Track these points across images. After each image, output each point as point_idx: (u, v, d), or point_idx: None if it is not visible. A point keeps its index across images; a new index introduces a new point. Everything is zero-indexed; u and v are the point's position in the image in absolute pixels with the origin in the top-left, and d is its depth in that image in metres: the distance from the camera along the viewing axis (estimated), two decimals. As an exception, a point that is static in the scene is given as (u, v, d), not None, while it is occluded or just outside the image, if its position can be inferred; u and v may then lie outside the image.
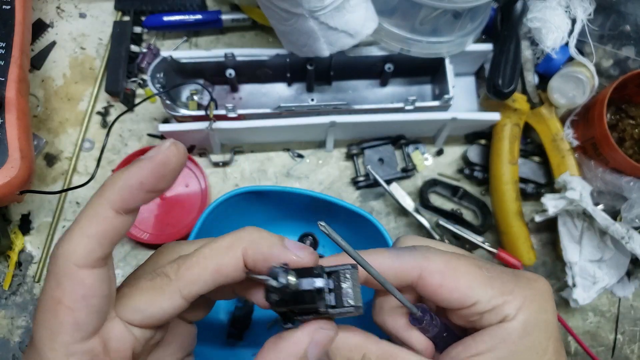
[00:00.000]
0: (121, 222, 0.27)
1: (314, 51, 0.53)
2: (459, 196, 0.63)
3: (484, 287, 0.30)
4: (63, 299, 0.26)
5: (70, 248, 0.26)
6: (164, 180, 0.27)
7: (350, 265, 0.29)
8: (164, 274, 0.29)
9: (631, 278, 0.63)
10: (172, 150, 0.27)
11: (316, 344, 0.29)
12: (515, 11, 0.59)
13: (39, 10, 0.67)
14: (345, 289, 0.29)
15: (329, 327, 0.30)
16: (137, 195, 0.27)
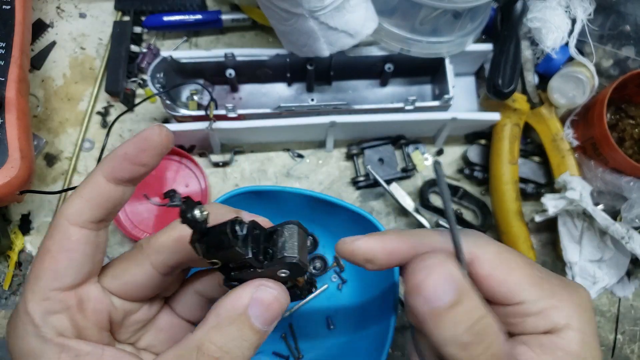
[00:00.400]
0: (110, 189, 0.30)
1: (314, 51, 0.53)
2: (459, 196, 0.63)
3: (534, 287, 0.29)
4: (51, 248, 0.29)
5: (65, 206, 0.30)
6: (144, 153, 0.29)
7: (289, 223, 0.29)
8: (139, 245, 0.32)
9: (631, 278, 0.63)
10: (155, 129, 0.30)
11: (258, 302, 0.27)
12: (515, 11, 0.59)
13: (39, 10, 0.67)
14: (281, 242, 0.29)
15: (273, 286, 0.28)
16: (122, 164, 0.29)
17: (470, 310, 0.26)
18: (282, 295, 0.28)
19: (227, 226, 0.27)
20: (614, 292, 0.63)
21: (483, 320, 0.26)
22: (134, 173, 0.30)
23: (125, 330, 0.33)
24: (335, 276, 0.59)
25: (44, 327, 0.28)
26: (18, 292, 0.60)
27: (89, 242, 0.30)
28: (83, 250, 0.30)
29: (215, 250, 0.27)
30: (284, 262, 0.28)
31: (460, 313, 0.26)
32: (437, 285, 0.26)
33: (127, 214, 0.60)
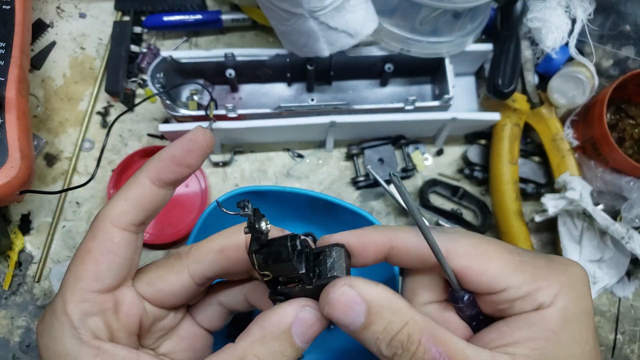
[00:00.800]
0: (155, 192, 0.31)
1: (314, 51, 0.53)
2: (459, 196, 0.63)
3: (515, 272, 0.29)
4: (93, 249, 0.30)
5: (109, 207, 0.30)
6: (191, 154, 0.31)
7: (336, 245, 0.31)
8: (177, 253, 0.33)
9: (631, 278, 0.63)
10: (200, 131, 0.31)
11: (302, 321, 0.29)
12: (515, 11, 0.59)
13: (39, 10, 0.67)
14: (330, 262, 0.30)
15: (316, 308, 0.29)
16: (169, 167, 0.31)
17: (385, 326, 0.27)
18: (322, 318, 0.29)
19: (287, 240, 0.28)
20: (614, 292, 0.63)
21: (404, 330, 0.27)
22: (179, 175, 0.31)
23: (151, 335, 0.34)
24: (335, 276, 0.59)
25: (81, 329, 0.29)
26: (18, 292, 0.60)
27: (130, 245, 0.30)
28: (124, 253, 0.30)
29: (272, 263, 0.29)
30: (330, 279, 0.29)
31: (375, 331, 0.27)
32: (345, 312, 0.27)
33: (127, 214, 0.60)
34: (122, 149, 0.64)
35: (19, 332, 0.59)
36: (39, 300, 0.60)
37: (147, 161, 0.31)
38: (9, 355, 0.58)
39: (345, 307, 0.27)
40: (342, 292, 0.28)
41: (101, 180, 0.62)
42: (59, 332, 0.29)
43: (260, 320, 0.29)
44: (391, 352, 0.27)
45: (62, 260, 0.61)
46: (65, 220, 0.62)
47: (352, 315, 0.27)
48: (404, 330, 0.27)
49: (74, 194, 0.62)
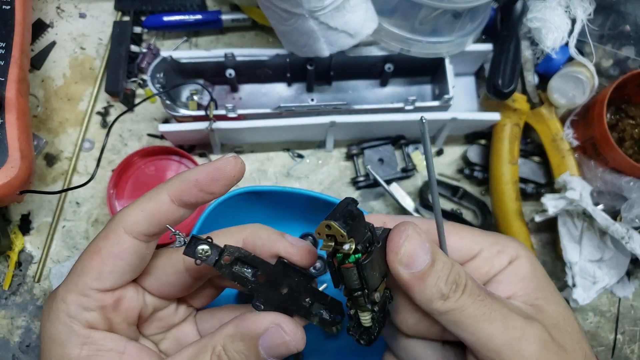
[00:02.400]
0: (172, 209, 0.31)
1: (314, 51, 0.53)
2: (459, 196, 0.63)
3: (482, 237, 0.34)
4: (102, 249, 0.31)
5: (125, 213, 0.31)
6: (215, 183, 0.31)
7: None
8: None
9: (631, 278, 0.63)
10: (230, 160, 0.31)
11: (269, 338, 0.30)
12: (515, 11, 0.59)
13: (38, 10, 0.67)
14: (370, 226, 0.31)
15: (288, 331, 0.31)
16: (191, 190, 0.31)
17: (443, 265, 0.30)
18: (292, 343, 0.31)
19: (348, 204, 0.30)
20: (614, 292, 0.63)
21: (454, 269, 0.31)
22: (199, 199, 0.31)
23: (151, 325, 0.35)
24: (335, 276, 0.59)
25: (76, 318, 0.30)
26: (18, 292, 0.60)
27: (137, 253, 0.31)
28: (130, 260, 0.31)
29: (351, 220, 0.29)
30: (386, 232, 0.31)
31: (436, 271, 0.30)
32: (414, 252, 0.30)
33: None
34: (122, 149, 0.64)
35: (19, 332, 0.59)
36: (38, 300, 0.60)
37: (173, 177, 0.32)
38: (9, 355, 0.58)
39: (416, 249, 0.30)
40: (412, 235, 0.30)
41: (101, 180, 0.62)
42: (54, 316, 0.30)
43: (237, 319, 0.31)
44: (449, 288, 0.30)
45: (62, 260, 0.61)
46: (65, 220, 0.62)
47: (422, 255, 0.30)
48: (455, 269, 0.31)
49: (74, 194, 0.62)
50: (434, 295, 0.30)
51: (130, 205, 0.32)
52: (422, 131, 0.28)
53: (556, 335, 0.31)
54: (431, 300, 0.30)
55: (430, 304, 0.30)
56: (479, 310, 0.30)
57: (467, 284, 0.30)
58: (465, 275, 0.31)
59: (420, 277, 0.30)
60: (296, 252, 0.33)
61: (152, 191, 0.32)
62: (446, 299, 0.30)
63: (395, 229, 0.31)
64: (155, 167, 0.61)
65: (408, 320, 0.33)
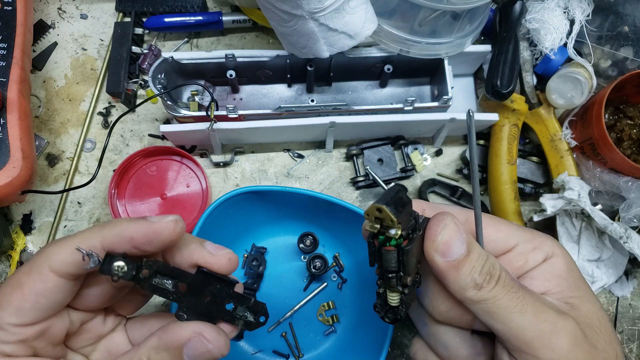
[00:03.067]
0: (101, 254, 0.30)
1: (314, 52, 0.54)
2: (457, 196, 0.64)
3: (519, 232, 0.35)
4: (24, 285, 0.30)
5: (53, 251, 0.30)
6: (149, 244, 0.30)
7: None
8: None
9: (629, 277, 0.64)
10: (169, 225, 0.31)
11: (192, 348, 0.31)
12: (514, 12, 0.59)
13: (40, 11, 0.67)
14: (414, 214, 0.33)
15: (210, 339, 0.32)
16: (123, 244, 0.30)
17: (478, 256, 0.32)
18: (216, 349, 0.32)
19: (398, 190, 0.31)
20: (612, 291, 0.63)
21: (489, 261, 0.32)
22: (131, 252, 0.31)
23: (79, 338, 0.35)
24: (335, 275, 0.60)
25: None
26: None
27: (63, 291, 0.31)
28: (54, 298, 0.30)
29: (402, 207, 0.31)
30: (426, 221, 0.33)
31: (471, 261, 0.31)
32: (450, 242, 0.31)
33: (129, 213, 0.60)
34: (124, 149, 0.64)
35: (20, 331, 0.59)
36: (40, 299, 0.60)
37: (109, 224, 0.31)
38: None
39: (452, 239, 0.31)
40: (449, 225, 0.32)
41: (102, 180, 0.63)
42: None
43: (160, 331, 0.32)
44: (483, 279, 0.31)
45: (64, 260, 0.61)
46: (66, 220, 0.62)
47: (458, 245, 0.31)
48: (490, 261, 0.32)
49: (76, 194, 0.63)
50: (468, 284, 0.31)
51: (58, 242, 0.31)
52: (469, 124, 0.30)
53: (589, 333, 0.31)
54: (465, 289, 0.31)
55: (463, 292, 0.31)
56: (511, 301, 0.31)
57: (501, 276, 0.31)
58: (499, 267, 0.32)
59: (455, 265, 0.31)
60: (215, 261, 0.33)
61: (84, 233, 0.31)
62: (480, 289, 0.31)
63: (434, 218, 0.32)
64: (157, 167, 0.62)
65: (440, 306, 0.34)
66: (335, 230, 0.58)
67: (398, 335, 0.60)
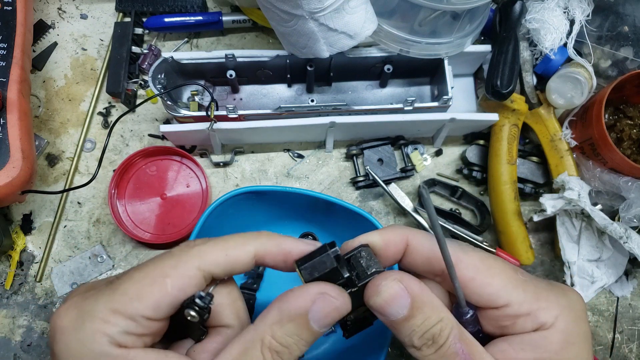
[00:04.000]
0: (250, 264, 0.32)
1: (313, 52, 0.54)
2: (457, 196, 0.64)
3: (517, 289, 0.31)
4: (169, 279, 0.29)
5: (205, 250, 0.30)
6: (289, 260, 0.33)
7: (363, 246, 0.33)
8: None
9: (629, 277, 0.64)
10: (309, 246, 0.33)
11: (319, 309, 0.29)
12: (514, 12, 0.59)
13: (40, 11, 0.67)
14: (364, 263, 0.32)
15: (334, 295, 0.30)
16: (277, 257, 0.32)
17: (424, 320, 0.30)
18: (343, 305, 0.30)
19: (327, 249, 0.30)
20: (612, 291, 0.63)
21: (437, 326, 0.30)
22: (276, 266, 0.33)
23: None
24: (335, 276, 0.60)
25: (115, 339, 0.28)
26: (19, 292, 0.60)
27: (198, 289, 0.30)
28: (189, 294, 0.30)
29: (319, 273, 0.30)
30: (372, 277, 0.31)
31: (413, 325, 0.30)
32: (390, 302, 0.30)
33: (129, 213, 0.60)
34: (124, 149, 0.64)
35: (20, 331, 0.59)
36: (40, 299, 0.60)
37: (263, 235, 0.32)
38: (10, 355, 0.58)
39: (393, 299, 0.30)
40: (391, 285, 0.30)
41: (102, 180, 0.63)
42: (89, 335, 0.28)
43: (278, 302, 0.30)
44: (422, 343, 0.30)
45: (64, 260, 0.61)
46: (66, 220, 0.62)
47: (397, 307, 0.30)
48: (438, 326, 0.30)
49: (76, 194, 0.63)
50: (407, 342, 0.30)
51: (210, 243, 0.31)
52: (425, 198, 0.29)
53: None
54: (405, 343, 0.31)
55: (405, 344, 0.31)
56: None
57: (446, 344, 0.29)
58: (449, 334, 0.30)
59: (394, 324, 0.30)
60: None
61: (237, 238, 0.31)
62: (418, 350, 0.30)
63: (380, 275, 0.31)
64: (157, 167, 0.62)
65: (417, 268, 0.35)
66: (335, 230, 0.58)
67: (398, 335, 0.60)
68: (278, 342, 0.29)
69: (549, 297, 0.31)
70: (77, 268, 0.60)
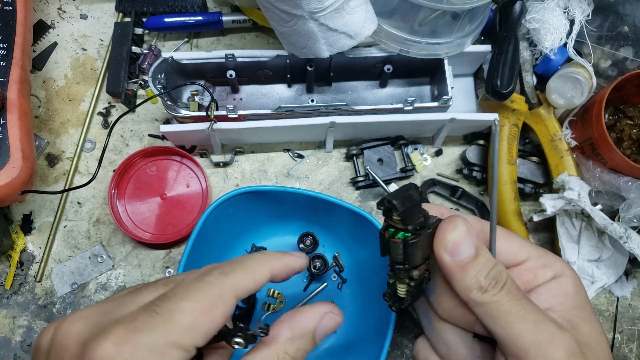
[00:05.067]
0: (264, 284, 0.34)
1: (313, 52, 0.54)
2: (457, 196, 0.64)
3: (531, 248, 0.36)
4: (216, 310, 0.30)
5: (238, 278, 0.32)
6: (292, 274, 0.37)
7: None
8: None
9: (629, 277, 0.64)
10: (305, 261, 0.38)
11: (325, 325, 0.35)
12: (514, 12, 0.59)
13: (40, 11, 0.67)
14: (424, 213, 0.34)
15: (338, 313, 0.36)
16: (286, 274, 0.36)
17: (486, 261, 0.33)
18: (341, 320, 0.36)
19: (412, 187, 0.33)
20: (612, 291, 0.63)
21: (496, 268, 0.33)
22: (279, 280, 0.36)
23: None
24: (335, 275, 0.60)
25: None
26: (19, 292, 0.60)
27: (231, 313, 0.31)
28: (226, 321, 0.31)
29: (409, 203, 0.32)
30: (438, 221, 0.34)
31: (478, 264, 0.33)
32: (459, 242, 0.33)
33: (129, 213, 0.60)
34: (124, 149, 0.64)
35: (20, 331, 0.59)
36: (40, 299, 0.60)
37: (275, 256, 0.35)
38: (11, 355, 0.58)
39: (463, 238, 0.33)
40: (460, 225, 0.33)
41: (102, 180, 0.63)
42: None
43: (288, 322, 0.34)
44: (488, 282, 0.32)
45: (64, 260, 0.61)
46: (66, 220, 0.62)
47: (466, 246, 0.33)
48: (497, 266, 0.33)
49: (76, 194, 0.63)
50: (473, 286, 0.32)
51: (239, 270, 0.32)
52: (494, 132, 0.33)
53: (586, 352, 0.32)
54: (470, 290, 0.32)
55: (468, 293, 0.32)
56: (514, 308, 0.32)
57: (507, 282, 0.32)
58: (506, 275, 0.33)
59: (462, 266, 0.32)
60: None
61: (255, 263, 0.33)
62: (484, 292, 0.32)
63: (446, 219, 0.33)
64: (157, 167, 0.62)
65: (445, 303, 0.36)
66: (335, 230, 0.58)
67: (398, 335, 0.60)
68: (291, 356, 0.33)
69: (551, 255, 0.36)
70: (77, 268, 0.60)
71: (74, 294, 0.60)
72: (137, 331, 0.28)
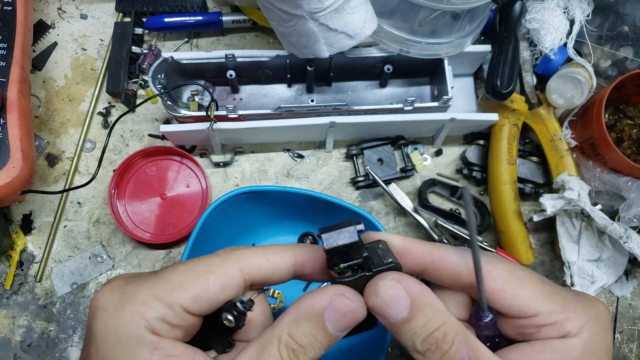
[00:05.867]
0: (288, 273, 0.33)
1: (313, 52, 0.54)
2: (457, 196, 0.64)
3: (546, 300, 0.30)
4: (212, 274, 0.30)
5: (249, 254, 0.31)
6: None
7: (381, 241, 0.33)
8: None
9: (629, 277, 0.64)
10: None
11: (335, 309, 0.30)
12: (514, 12, 0.59)
13: (40, 11, 0.67)
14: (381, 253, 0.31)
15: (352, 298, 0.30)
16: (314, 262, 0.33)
17: (425, 323, 0.29)
18: (359, 308, 0.30)
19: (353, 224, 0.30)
20: (612, 291, 0.63)
21: (440, 330, 0.29)
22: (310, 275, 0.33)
23: None
24: (335, 276, 0.60)
25: (150, 324, 0.29)
26: (19, 292, 0.60)
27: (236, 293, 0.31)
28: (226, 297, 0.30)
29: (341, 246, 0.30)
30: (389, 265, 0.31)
31: (413, 327, 0.29)
32: (388, 304, 0.29)
33: (129, 213, 0.60)
34: (124, 149, 0.64)
35: (20, 331, 0.59)
36: (40, 299, 0.60)
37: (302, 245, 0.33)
38: (11, 355, 0.58)
39: (391, 300, 0.29)
40: (390, 285, 0.29)
41: (102, 180, 0.63)
42: (129, 316, 0.29)
43: (296, 302, 0.31)
44: (425, 347, 0.29)
45: (63, 260, 0.61)
46: (66, 220, 0.62)
47: (396, 308, 0.29)
48: (441, 329, 0.29)
49: (75, 194, 0.63)
50: (410, 347, 0.30)
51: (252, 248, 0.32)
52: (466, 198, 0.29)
53: None
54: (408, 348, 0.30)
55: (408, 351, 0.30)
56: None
57: (451, 350, 0.28)
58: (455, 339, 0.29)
59: (395, 325, 0.30)
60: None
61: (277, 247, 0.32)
62: (422, 355, 0.29)
63: (381, 275, 0.30)
64: (157, 167, 0.62)
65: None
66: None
67: (398, 335, 0.60)
68: (294, 340, 0.29)
69: (576, 308, 0.31)
70: (77, 268, 0.60)
71: (74, 294, 0.60)
72: (130, 282, 0.30)
